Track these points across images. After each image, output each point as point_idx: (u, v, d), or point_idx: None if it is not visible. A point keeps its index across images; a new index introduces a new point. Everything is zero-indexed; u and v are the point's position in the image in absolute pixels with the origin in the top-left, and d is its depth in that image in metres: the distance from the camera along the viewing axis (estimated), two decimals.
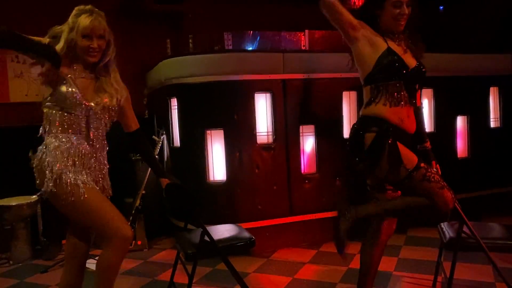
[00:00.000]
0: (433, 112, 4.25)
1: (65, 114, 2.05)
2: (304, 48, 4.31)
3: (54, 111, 2.05)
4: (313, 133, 3.87)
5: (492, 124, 4.51)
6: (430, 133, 4.23)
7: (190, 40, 4.02)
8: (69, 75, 2.05)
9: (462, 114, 4.38)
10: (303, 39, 4.32)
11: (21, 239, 3.76)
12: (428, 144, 2.49)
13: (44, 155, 2.03)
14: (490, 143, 4.44)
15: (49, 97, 2.05)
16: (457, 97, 4.33)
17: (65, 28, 2.04)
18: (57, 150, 2.02)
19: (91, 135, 2.13)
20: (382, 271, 3.21)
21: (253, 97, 3.63)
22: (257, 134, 3.66)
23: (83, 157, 2.09)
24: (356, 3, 5.85)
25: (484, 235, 2.39)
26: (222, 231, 2.66)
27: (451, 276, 2.35)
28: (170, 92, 3.89)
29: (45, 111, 2.08)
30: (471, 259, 3.21)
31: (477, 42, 5.76)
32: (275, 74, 3.68)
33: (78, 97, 2.03)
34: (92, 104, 2.08)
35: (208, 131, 3.62)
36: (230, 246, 2.51)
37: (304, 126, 3.84)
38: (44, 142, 2.08)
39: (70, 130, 2.06)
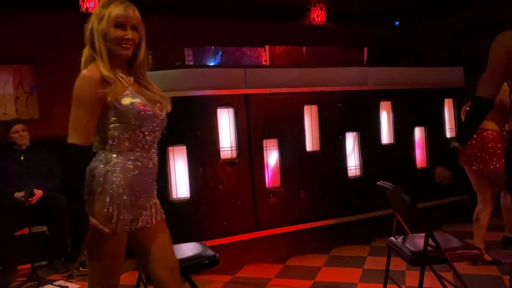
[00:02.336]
0: (392, 124, 4.37)
1: (130, 131, 1.78)
2: (265, 63, 4.35)
3: (118, 132, 1.77)
4: (277, 147, 3.88)
5: (448, 134, 4.67)
6: (389, 145, 4.35)
7: (150, 56, 3.96)
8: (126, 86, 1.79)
9: (419, 125, 4.52)
10: (264, 54, 4.36)
11: None
12: None
13: (108, 173, 1.76)
14: (447, 152, 4.58)
15: (113, 118, 1.76)
16: (414, 109, 4.47)
17: (93, 24, 1.78)
18: (120, 174, 1.76)
19: (153, 152, 1.88)
20: (347, 283, 3.24)
21: (216, 112, 3.61)
22: (221, 149, 3.64)
23: (144, 184, 1.84)
24: (316, 20, 6.00)
25: (445, 246, 2.44)
26: (185, 249, 2.60)
27: (420, 286, 2.37)
28: None
29: (110, 134, 1.78)
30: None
31: (432, 57, 6.01)
32: (237, 89, 3.68)
33: (146, 108, 1.78)
34: (159, 112, 1.84)
35: (170, 148, 3.56)
36: (193, 265, 2.44)
37: (268, 140, 3.85)
38: (105, 158, 1.79)
39: (136, 150, 1.80)
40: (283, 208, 3.87)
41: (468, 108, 3.49)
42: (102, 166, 1.79)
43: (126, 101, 1.76)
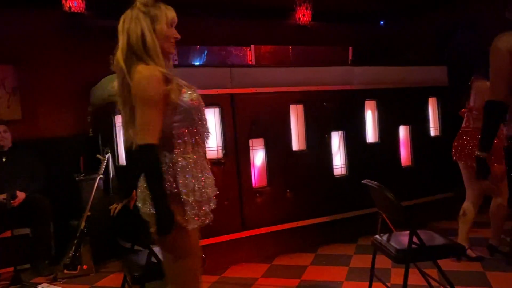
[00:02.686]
0: (377, 123, 4.40)
1: (194, 128, 1.80)
2: (250, 62, 4.35)
3: (183, 130, 1.77)
4: (263, 147, 3.88)
5: (432, 133, 4.73)
6: (374, 143, 4.38)
7: None
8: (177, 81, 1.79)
9: (404, 124, 4.56)
10: (250, 54, 4.36)
11: None
12: None
13: (177, 175, 1.74)
14: (431, 151, 4.65)
15: (177, 116, 1.76)
16: (399, 108, 4.51)
17: (143, 23, 1.76)
18: (189, 173, 1.77)
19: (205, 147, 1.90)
20: (333, 281, 3.26)
21: None
22: (207, 149, 3.61)
23: (204, 179, 1.85)
24: (301, 19, 6.01)
25: (430, 243, 2.47)
26: None
27: (405, 283, 2.39)
28: (114, 109, 3.76)
29: (174, 133, 1.76)
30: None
31: (416, 56, 6.08)
32: (223, 88, 3.67)
33: (202, 102, 1.83)
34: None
35: None
36: None
37: (254, 140, 3.84)
38: (170, 159, 1.76)
39: (198, 146, 1.83)
40: (270, 207, 3.87)
41: (464, 109, 3.53)
42: (167, 167, 1.75)
43: (186, 97, 1.77)
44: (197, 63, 4.15)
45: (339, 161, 4.26)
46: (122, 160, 3.80)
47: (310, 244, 4.04)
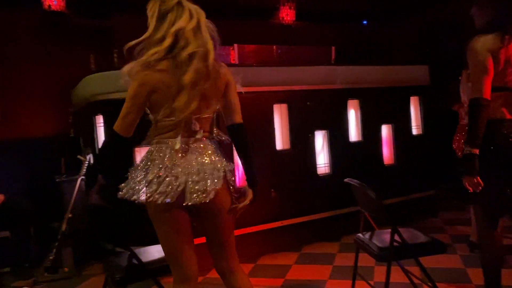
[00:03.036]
0: (360, 122, 4.43)
1: None
2: (233, 62, 4.33)
3: None
4: None
5: (414, 132, 4.78)
6: (357, 142, 4.41)
7: (115, 55, 3.89)
8: None
9: (386, 123, 4.60)
10: (233, 53, 4.34)
11: None
12: None
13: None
14: (413, 149, 4.70)
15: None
16: (381, 107, 4.54)
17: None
18: None
19: None
20: (317, 280, 3.27)
21: None
22: None
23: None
24: (285, 19, 6.02)
25: (411, 241, 2.49)
26: (153, 252, 2.55)
27: (387, 281, 2.41)
28: (96, 109, 3.72)
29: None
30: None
31: (398, 55, 6.14)
32: None
33: None
34: None
35: (137, 149, 3.49)
36: (161, 268, 2.40)
37: None
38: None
39: None
40: (254, 207, 3.80)
41: (457, 104, 3.56)
42: None
43: None
44: None
45: (322, 160, 4.28)
46: None
47: (294, 243, 4.04)
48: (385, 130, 4.61)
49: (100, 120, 3.71)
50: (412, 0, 5.83)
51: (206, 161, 1.86)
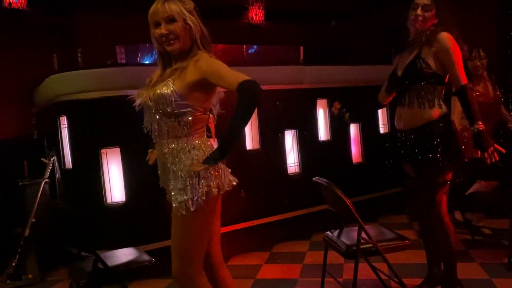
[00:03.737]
0: (328, 121, 4.47)
1: None
2: None
3: None
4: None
5: (382, 130, 4.87)
6: (326, 141, 4.46)
7: (79, 54, 3.79)
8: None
9: (355, 122, 4.65)
10: None
11: None
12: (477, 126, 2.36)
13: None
14: (380, 147, 4.78)
15: None
16: (349, 106, 4.58)
17: None
18: None
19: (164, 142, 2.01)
20: (287, 279, 3.28)
21: None
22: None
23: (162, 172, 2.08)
24: (254, 18, 6.02)
25: (378, 238, 2.53)
26: (119, 256, 2.50)
27: (355, 278, 2.44)
28: (59, 110, 3.61)
29: None
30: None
31: (365, 55, 6.24)
32: None
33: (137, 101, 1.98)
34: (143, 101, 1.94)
35: (103, 150, 3.41)
36: (128, 272, 2.36)
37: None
38: None
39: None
40: (224, 208, 3.79)
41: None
42: None
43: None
44: (147, 62, 4.05)
45: (292, 159, 4.30)
46: (68, 163, 3.65)
47: (265, 243, 4.05)
48: (353, 129, 4.67)
49: (64, 121, 3.60)
50: (379, 0, 5.93)
51: None
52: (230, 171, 2.02)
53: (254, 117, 4.06)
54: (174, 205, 1.89)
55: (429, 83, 2.50)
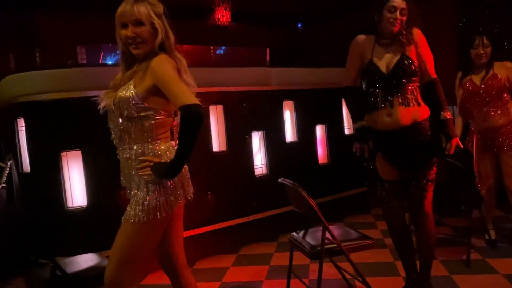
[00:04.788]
0: (294, 123, 4.50)
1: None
2: None
3: None
4: None
5: (346, 131, 4.94)
6: (293, 143, 4.49)
7: (37, 54, 3.66)
8: None
9: (320, 123, 4.71)
10: None
11: None
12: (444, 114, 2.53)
13: None
14: (346, 148, 4.84)
15: None
16: (315, 108, 4.65)
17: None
18: None
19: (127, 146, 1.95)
20: (253, 281, 3.27)
21: None
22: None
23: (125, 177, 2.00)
24: (221, 20, 6.01)
25: (343, 238, 2.56)
26: (80, 262, 2.43)
27: (319, 278, 2.45)
28: (16, 112, 3.47)
29: None
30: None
31: (331, 58, 6.33)
32: None
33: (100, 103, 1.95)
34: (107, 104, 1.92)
35: (64, 153, 3.30)
36: (88, 279, 2.28)
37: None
38: None
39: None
40: (190, 210, 3.70)
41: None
42: None
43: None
44: (109, 63, 3.95)
45: (259, 161, 4.30)
46: (26, 167, 3.51)
47: (232, 245, 4.02)
48: (319, 130, 4.72)
49: (22, 123, 3.46)
50: (342, 4, 6.03)
51: None
52: (190, 182, 2.01)
53: (221, 119, 4.03)
54: (128, 209, 1.85)
55: (416, 81, 2.55)
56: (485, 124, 3.42)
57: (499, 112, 3.37)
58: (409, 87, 2.52)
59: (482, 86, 3.39)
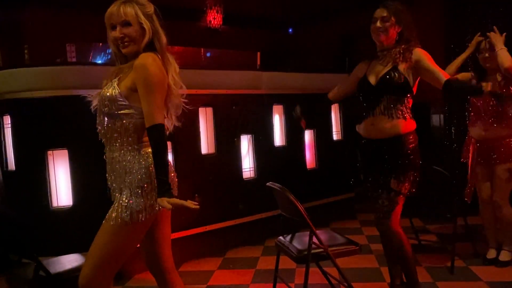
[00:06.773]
0: (284, 127, 4.52)
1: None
2: None
3: None
4: (170, 150, 3.76)
5: (335, 137, 4.97)
6: (282, 147, 4.50)
7: (26, 51, 3.62)
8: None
9: (309, 128, 4.73)
10: None
11: None
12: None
13: None
14: (334, 154, 4.88)
15: None
16: (304, 113, 4.65)
17: None
18: None
19: (114, 146, 1.95)
20: (239, 285, 3.26)
21: None
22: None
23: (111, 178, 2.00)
24: (212, 22, 6.01)
25: (329, 243, 2.56)
26: (64, 262, 2.40)
27: (305, 283, 2.45)
28: (2, 109, 3.42)
29: None
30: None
31: (320, 63, 6.38)
32: None
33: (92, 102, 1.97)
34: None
35: (50, 152, 3.25)
36: (71, 279, 2.25)
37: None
38: None
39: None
40: (177, 213, 3.66)
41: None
42: None
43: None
44: (99, 62, 3.92)
45: (248, 164, 4.30)
46: (11, 165, 3.45)
47: (218, 249, 4.01)
48: (308, 135, 4.74)
49: (7, 120, 3.42)
50: (332, 9, 6.08)
51: None
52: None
53: (210, 121, 4.03)
54: (111, 210, 1.84)
55: (404, 95, 2.54)
56: (487, 133, 3.32)
57: (505, 123, 3.27)
58: (395, 99, 2.52)
59: (504, 90, 3.27)
